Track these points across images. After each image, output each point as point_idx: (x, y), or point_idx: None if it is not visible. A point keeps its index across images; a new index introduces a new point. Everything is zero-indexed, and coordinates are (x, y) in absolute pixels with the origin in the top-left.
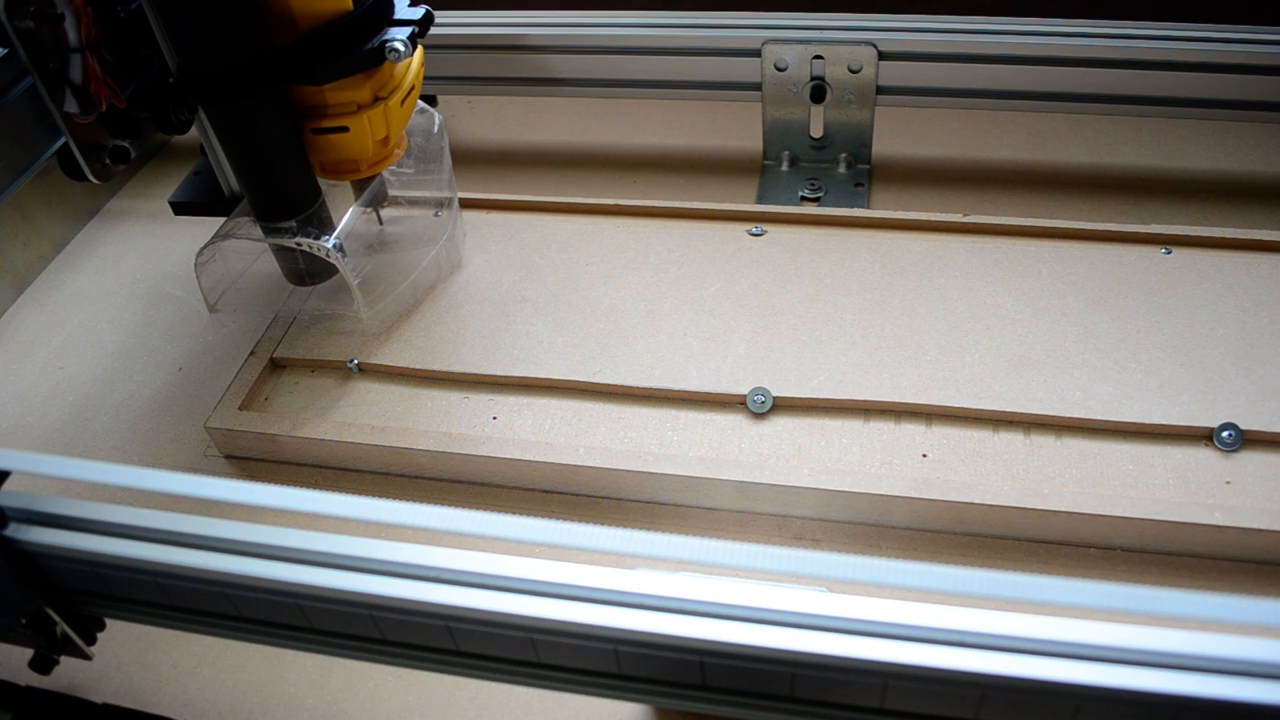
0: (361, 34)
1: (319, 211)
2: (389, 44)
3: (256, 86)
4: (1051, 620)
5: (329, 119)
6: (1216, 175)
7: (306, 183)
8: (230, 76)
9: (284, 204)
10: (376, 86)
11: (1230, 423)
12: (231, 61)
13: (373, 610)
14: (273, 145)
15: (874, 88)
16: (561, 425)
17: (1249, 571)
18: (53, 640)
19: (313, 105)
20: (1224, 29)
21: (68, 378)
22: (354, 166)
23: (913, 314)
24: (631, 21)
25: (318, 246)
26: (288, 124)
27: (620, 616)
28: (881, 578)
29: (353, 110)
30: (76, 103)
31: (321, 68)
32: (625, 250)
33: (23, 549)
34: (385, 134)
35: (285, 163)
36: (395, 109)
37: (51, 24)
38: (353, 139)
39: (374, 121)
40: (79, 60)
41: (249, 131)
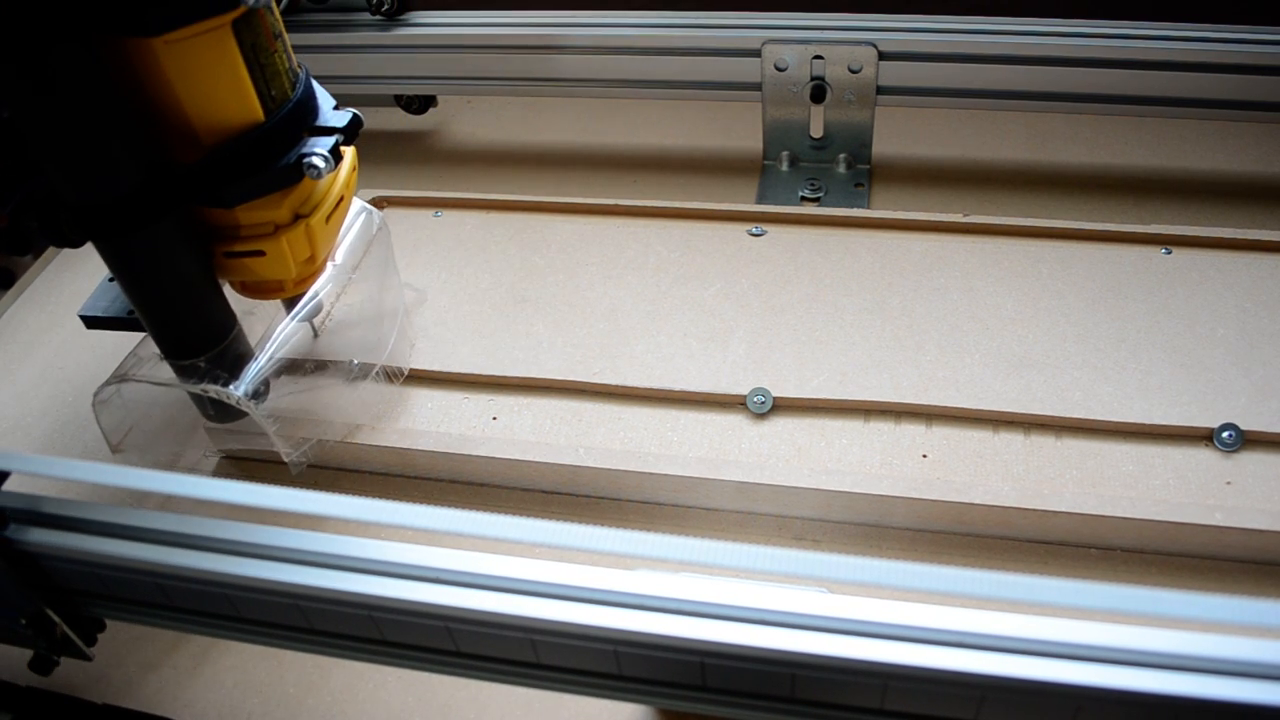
0: (276, 147)
1: (232, 346)
2: (308, 159)
3: (154, 215)
4: (1051, 621)
5: (243, 242)
6: (1216, 175)
7: (217, 316)
8: (121, 205)
9: (191, 341)
10: (296, 203)
11: (1230, 423)
12: (122, 188)
13: (372, 611)
14: (176, 278)
15: (874, 88)
16: (561, 426)
17: (1249, 572)
18: (53, 641)
19: (222, 227)
20: (1224, 29)
21: (67, 378)
22: (277, 286)
23: (913, 314)
24: (631, 21)
25: (227, 394)
26: (193, 250)
27: (620, 617)
28: (881, 578)
29: (270, 232)
30: None
31: (230, 189)
32: (625, 250)
33: (23, 550)
34: (310, 253)
35: (192, 296)
36: (319, 226)
37: None
38: (272, 262)
39: (294, 243)
40: None
41: (147, 265)
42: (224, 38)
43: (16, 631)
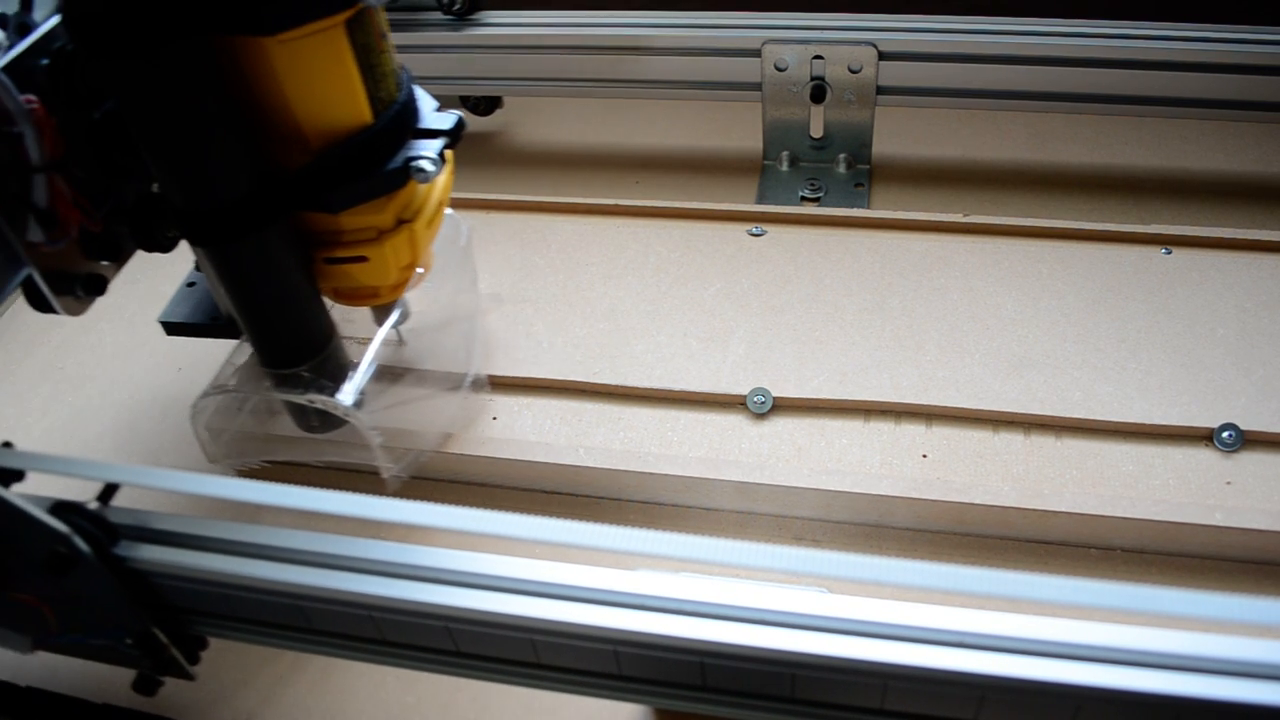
0: (383, 151)
1: (334, 354)
2: (415, 163)
3: (262, 221)
4: (1051, 621)
5: (345, 248)
6: (1216, 175)
7: (319, 323)
8: (230, 211)
9: (294, 349)
10: (400, 208)
11: (1230, 423)
12: (232, 194)
13: (372, 611)
14: (282, 284)
15: (874, 88)
16: (561, 425)
17: (1249, 572)
18: (160, 661)
19: (325, 232)
20: (1224, 29)
21: (67, 378)
22: (373, 293)
23: (913, 314)
24: (631, 21)
25: (334, 404)
26: (297, 256)
27: (620, 617)
28: (881, 576)
29: (372, 237)
30: (41, 230)
31: (337, 194)
32: (625, 250)
33: (133, 567)
34: (411, 259)
35: (296, 303)
36: (421, 232)
37: (9, 144)
38: (373, 268)
39: (397, 248)
40: (43, 181)
41: (254, 271)
42: (337, 37)
43: (120, 652)
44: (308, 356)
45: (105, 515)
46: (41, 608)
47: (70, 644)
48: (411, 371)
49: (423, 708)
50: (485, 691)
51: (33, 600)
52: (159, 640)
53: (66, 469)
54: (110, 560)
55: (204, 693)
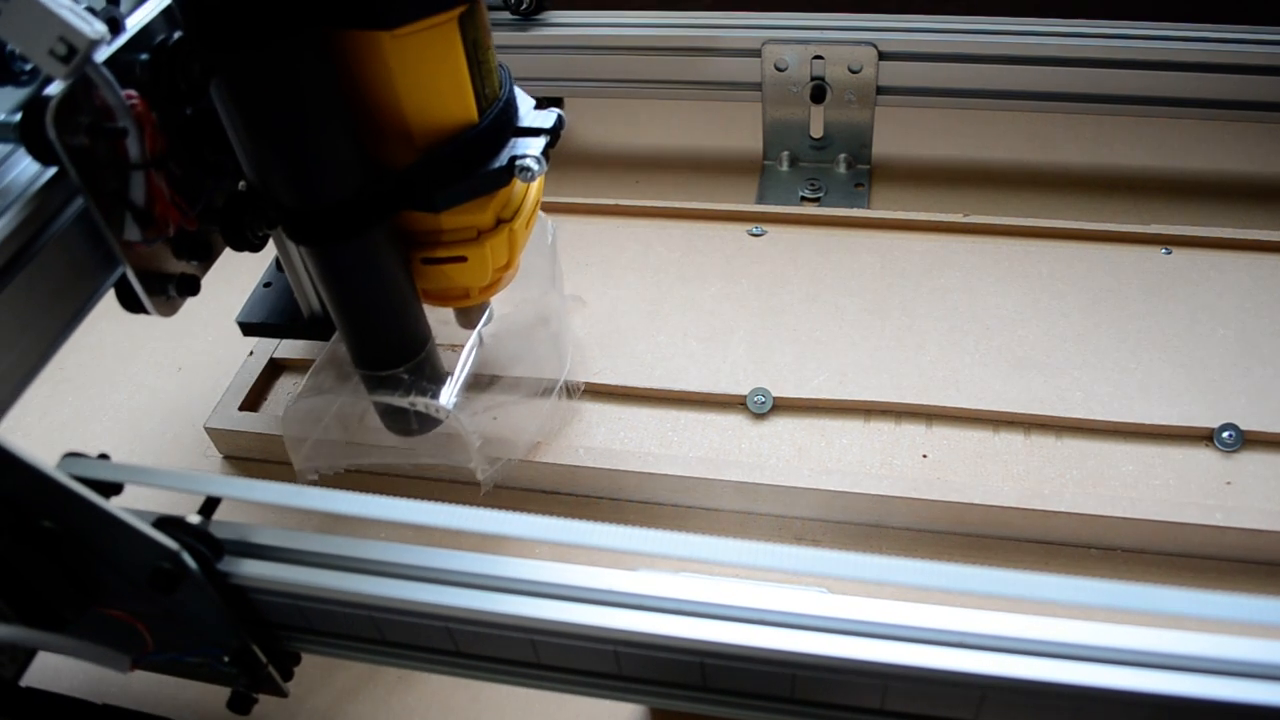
0: (488, 149)
1: (430, 356)
2: (520, 161)
3: (369, 221)
4: (1051, 621)
5: (444, 248)
6: (1216, 175)
7: (417, 324)
8: (339, 211)
9: (393, 351)
10: (499, 209)
11: (1230, 423)
12: (341, 193)
13: (372, 611)
14: (384, 285)
15: (874, 88)
16: (561, 425)
17: (1249, 572)
18: (256, 678)
19: (425, 232)
20: (1223, 29)
21: (68, 378)
22: (464, 294)
23: (913, 314)
24: (632, 21)
25: (435, 407)
26: (398, 257)
27: (620, 618)
28: (881, 576)
29: (472, 237)
30: (139, 228)
31: (441, 192)
32: (625, 250)
33: (235, 583)
34: (507, 259)
35: (397, 304)
36: (520, 232)
37: (110, 139)
38: (470, 269)
39: (496, 248)
40: (141, 178)
41: (359, 271)
42: (450, 32)
43: (217, 670)
44: (406, 358)
45: (207, 529)
46: (136, 625)
47: (166, 662)
48: (502, 378)
49: (423, 708)
50: (486, 691)
51: (127, 617)
52: (257, 657)
53: (167, 482)
54: (215, 576)
55: (204, 694)
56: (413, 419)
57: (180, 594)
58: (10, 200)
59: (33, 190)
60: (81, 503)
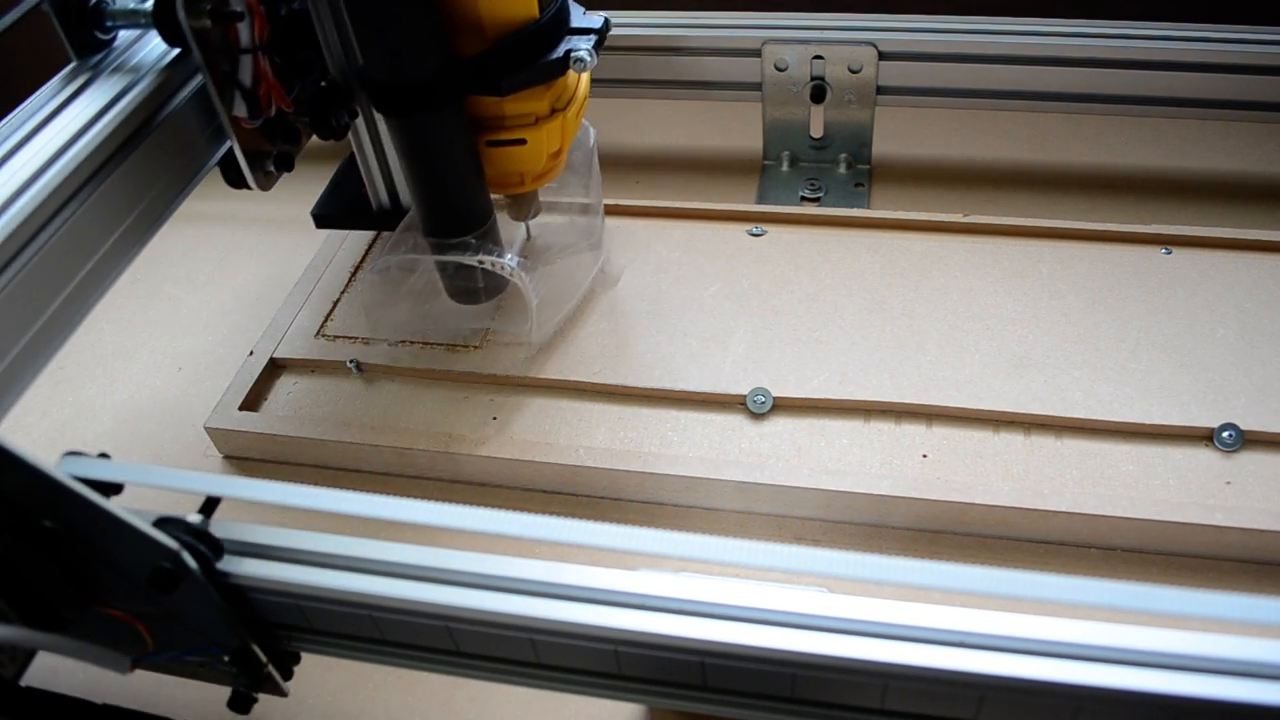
0: (546, 43)
1: (494, 228)
2: (574, 54)
3: (446, 98)
4: (1052, 621)
5: (506, 131)
6: (1216, 175)
7: (483, 197)
8: (420, 87)
9: (463, 219)
10: (554, 98)
11: (1230, 423)
12: (423, 71)
13: (372, 610)
14: (456, 158)
15: (874, 88)
16: (561, 426)
17: (1249, 572)
18: (256, 678)
19: (490, 117)
20: (1223, 29)
21: (68, 378)
22: (519, 180)
23: (913, 314)
24: (631, 21)
25: (502, 265)
26: (469, 137)
27: (621, 617)
28: (881, 575)
29: (530, 122)
30: (246, 107)
31: (507, 78)
32: (625, 250)
33: (236, 583)
34: (559, 146)
35: (466, 176)
36: (571, 120)
37: (227, 22)
38: (528, 152)
39: (550, 134)
40: (249, 62)
41: (434, 144)
42: None
43: (217, 669)
44: (474, 227)
45: (207, 528)
46: (136, 625)
47: (166, 662)
48: (544, 256)
49: (423, 708)
50: (485, 691)
51: (127, 617)
52: (257, 657)
53: (167, 481)
54: (215, 576)
55: (204, 692)
56: (480, 278)
57: (180, 594)
58: (142, 74)
59: (159, 67)
60: (82, 502)
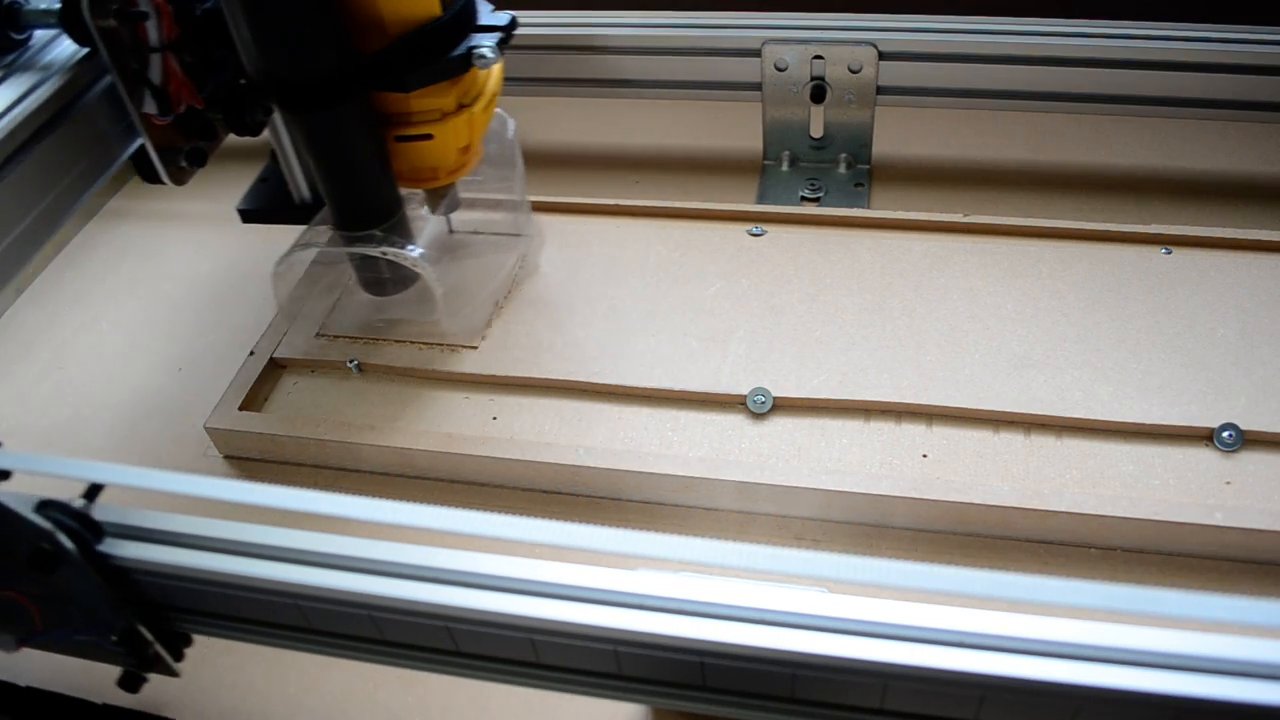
0: (449, 40)
1: (401, 221)
2: (477, 50)
3: (347, 93)
4: (1052, 621)
5: (413, 126)
6: (1217, 175)
7: (390, 191)
8: (322, 83)
9: (368, 213)
10: (461, 94)
11: (1230, 423)
12: (323, 68)
13: (372, 611)
14: (360, 153)
15: (874, 88)
16: (561, 426)
17: (1249, 572)
18: (144, 658)
19: (397, 112)
20: (1224, 29)
21: (68, 378)
22: (432, 174)
23: (913, 314)
24: (632, 21)
25: (404, 256)
26: (372, 130)
27: (620, 617)
28: (882, 579)
29: (437, 118)
30: (155, 104)
31: (410, 74)
32: (625, 250)
33: (117, 564)
34: (468, 141)
35: (371, 171)
36: (479, 116)
37: (133, 22)
38: (436, 146)
39: (457, 129)
40: (159, 60)
41: (337, 139)
42: None
43: (105, 649)
44: (380, 220)
45: (89, 513)
46: (28, 605)
47: (55, 641)
48: (466, 244)
49: (422, 708)
50: (485, 691)
51: (19, 598)
52: (143, 637)
53: (52, 469)
54: (94, 557)
55: (204, 692)
56: (386, 269)
57: (62, 575)
58: (53, 72)
59: (70, 65)
60: None
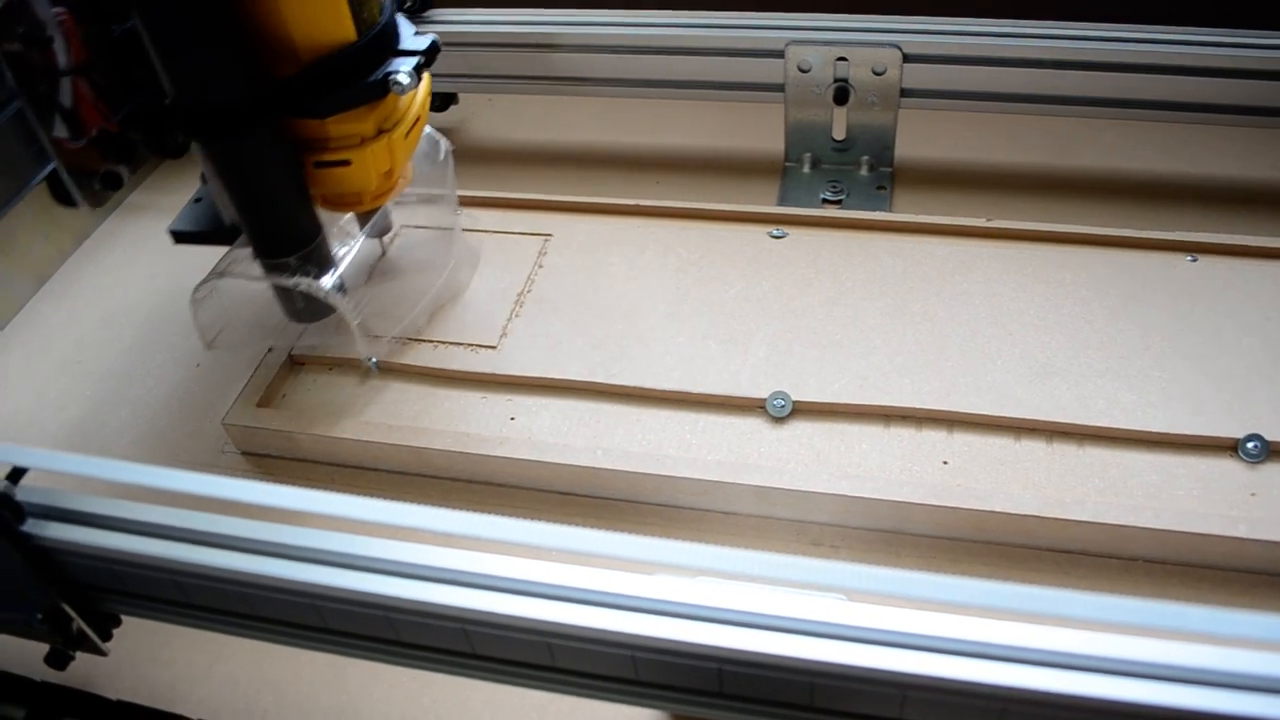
0: (365, 65)
1: (319, 248)
2: (393, 76)
3: (257, 121)
4: (1074, 633)
5: (331, 152)
6: (1242, 182)
7: (307, 219)
8: (229, 111)
9: (284, 241)
10: (380, 119)
11: (1256, 434)
12: (231, 96)
13: (389, 612)
14: (273, 181)
15: (898, 90)
16: (579, 427)
17: (1274, 585)
18: (69, 636)
19: (314, 138)
20: (1249, 34)
21: (86, 372)
22: (357, 199)
23: (934, 319)
24: (654, 21)
25: (315, 287)
26: (288, 158)
27: (638, 622)
28: (902, 589)
29: (355, 143)
30: (66, 128)
31: (324, 101)
32: (645, 251)
33: (40, 544)
34: (389, 166)
35: (285, 199)
36: (399, 141)
37: (40, 46)
38: (355, 172)
39: (377, 154)
40: (68, 84)
41: (248, 167)
42: None
43: (33, 627)
44: (296, 248)
45: (11, 494)
46: None
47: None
48: (393, 271)
49: (438, 709)
50: (500, 694)
51: None
52: (68, 616)
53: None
54: (16, 537)
55: (218, 690)
56: (299, 300)
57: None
58: None
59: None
60: None
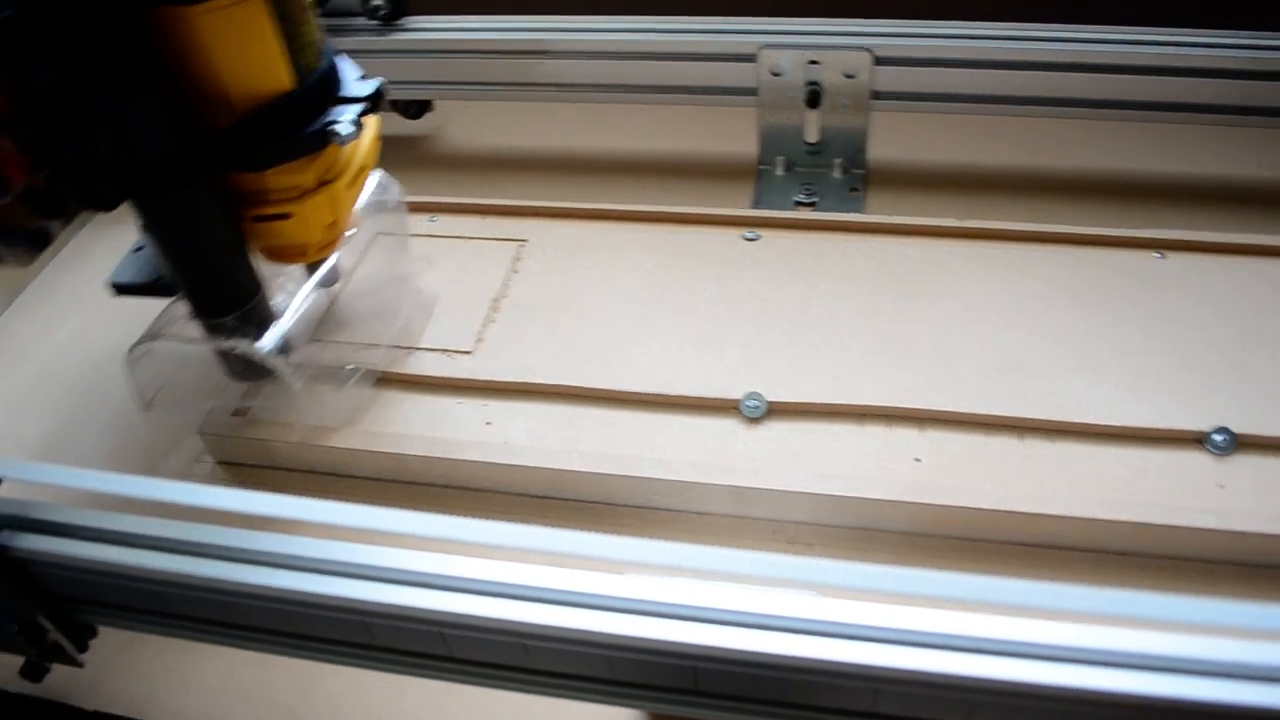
0: (304, 115)
1: (258, 306)
2: (332, 126)
3: (189, 177)
4: (1042, 624)
5: (270, 206)
6: (1210, 179)
7: (245, 276)
8: (159, 167)
9: (221, 300)
10: (321, 170)
11: (1223, 426)
12: (160, 151)
13: (364, 616)
14: (208, 239)
15: (869, 93)
16: (555, 430)
17: (1241, 575)
18: (44, 648)
19: (252, 191)
20: (1217, 34)
21: (62, 382)
22: (300, 252)
23: (906, 318)
24: (627, 27)
25: (253, 350)
26: (224, 213)
27: (613, 622)
28: (874, 584)
29: (296, 196)
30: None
31: (261, 153)
32: (620, 255)
33: (15, 556)
34: (333, 218)
35: (222, 257)
36: (342, 192)
37: None
38: (297, 225)
39: (319, 206)
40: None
41: (182, 225)
42: (257, 9)
43: (8, 638)
44: (234, 308)
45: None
46: None
47: None
48: (341, 328)
49: (415, 713)
50: (478, 697)
51: None
52: (44, 628)
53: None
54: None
55: (193, 699)
56: (238, 363)
57: None
58: None
59: None
60: None
